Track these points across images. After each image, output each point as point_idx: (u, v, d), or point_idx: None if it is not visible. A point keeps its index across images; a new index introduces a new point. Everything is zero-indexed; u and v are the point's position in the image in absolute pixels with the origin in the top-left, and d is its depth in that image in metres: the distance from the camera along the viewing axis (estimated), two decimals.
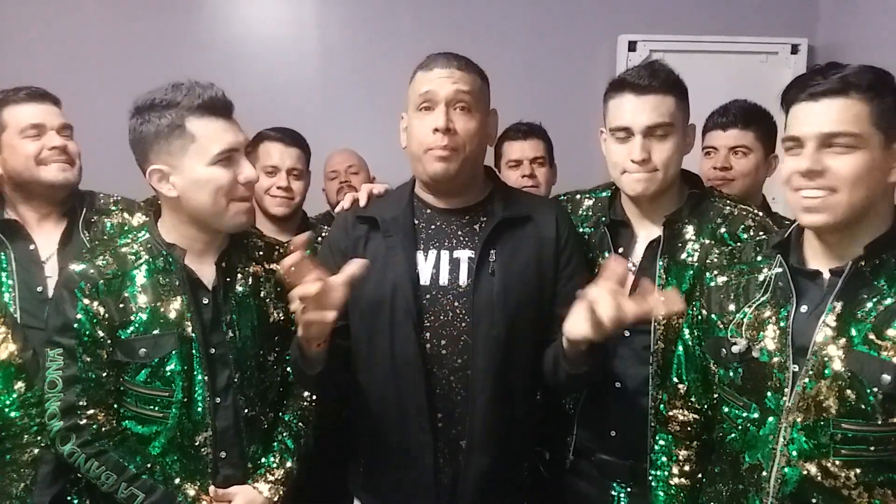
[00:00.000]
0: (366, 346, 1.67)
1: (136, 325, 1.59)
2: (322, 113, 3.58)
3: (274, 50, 3.50)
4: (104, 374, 1.59)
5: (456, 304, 1.65)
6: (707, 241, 1.72)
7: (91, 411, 1.58)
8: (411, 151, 1.69)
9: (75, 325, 1.57)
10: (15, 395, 1.62)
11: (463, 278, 1.66)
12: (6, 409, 1.62)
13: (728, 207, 1.77)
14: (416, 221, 1.72)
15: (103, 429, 1.58)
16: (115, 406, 1.62)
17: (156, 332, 1.58)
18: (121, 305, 1.59)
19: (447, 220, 1.72)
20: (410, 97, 1.70)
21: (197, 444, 1.62)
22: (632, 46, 3.38)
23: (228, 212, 1.58)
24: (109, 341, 1.59)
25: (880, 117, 1.30)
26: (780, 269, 1.44)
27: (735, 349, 1.45)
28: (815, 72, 1.36)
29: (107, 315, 1.58)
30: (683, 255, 1.73)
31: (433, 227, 1.71)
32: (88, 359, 1.58)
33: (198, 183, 1.56)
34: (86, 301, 1.57)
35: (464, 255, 1.68)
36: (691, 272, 1.70)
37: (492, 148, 2.15)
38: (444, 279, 1.67)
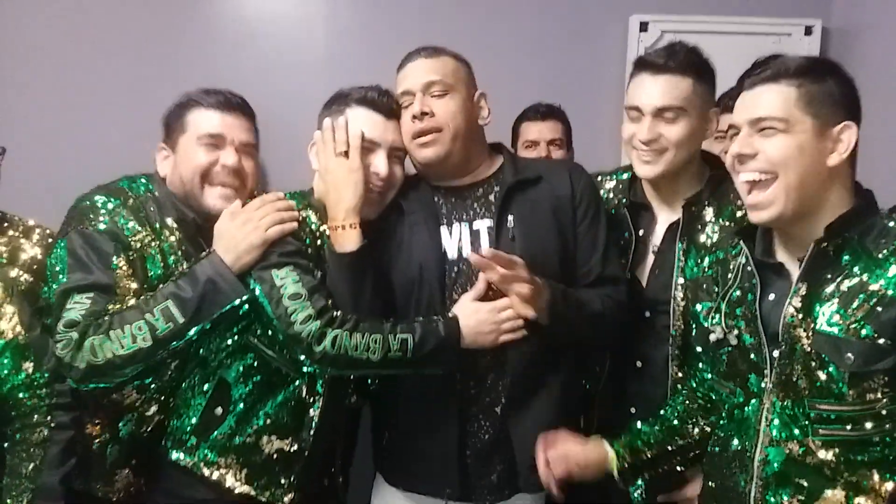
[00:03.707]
0: None
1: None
2: (329, 93, 3.56)
3: (282, 29, 3.47)
4: None
5: (481, 274, 1.68)
6: (727, 223, 1.71)
7: (338, 309, 1.64)
8: (406, 146, 1.78)
9: (306, 249, 1.69)
10: (24, 375, 1.64)
11: (485, 248, 1.69)
12: (14, 390, 1.64)
13: None
14: (436, 199, 1.78)
15: (347, 316, 1.64)
16: None
17: None
18: (317, 258, 1.72)
19: (462, 195, 1.78)
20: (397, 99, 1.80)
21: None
22: (643, 27, 3.34)
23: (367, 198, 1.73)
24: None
25: (811, 102, 1.32)
26: (747, 257, 1.46)
27: (713, 337, 1.48)
28: (757, 62, 1.43)
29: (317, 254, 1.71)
30: (702, 238, 1.73)
31: (451, 202, 1.77)
32: (319, 272, 1.68)
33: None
34: (311, 234, 1.72)
35: (483, 224, 1.73)
36: (700, 258, 1.69)
37: (509, 129, 2.12)
38: (467, 251, 1.71)
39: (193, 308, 1.61)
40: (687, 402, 1.66)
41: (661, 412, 1.69)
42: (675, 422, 1.65)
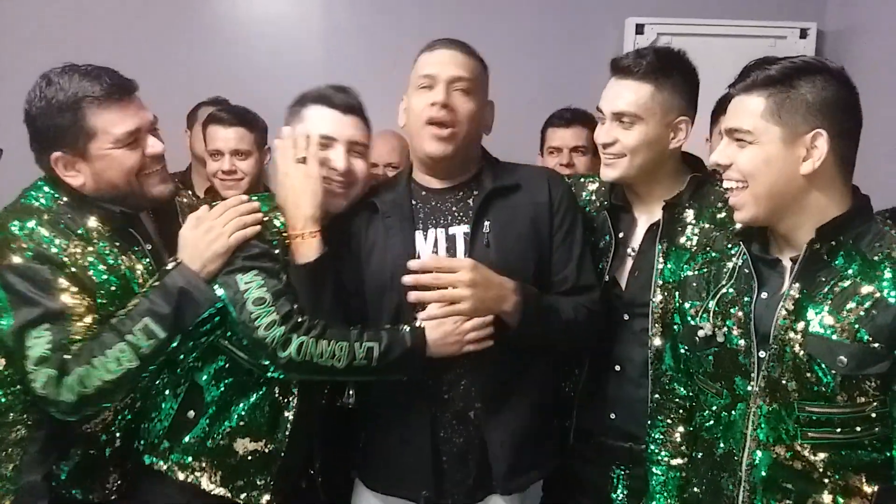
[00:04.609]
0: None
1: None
2: None
3: (280, 28, 3.48)
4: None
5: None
6: (707, 226, 1.72)
7: (304, 314, 1.61)
8: (409, 128, 1.75)
9: (272, 252, 1.66)
10: None
11: (460, 255, 1.69)
12: None
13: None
14: (414, 202, 1.76)
15: (314, 322, 1.62)
16: None
17: None
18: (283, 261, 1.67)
19: (441, 198, 1.76)
20: (412, 78, 1.75)
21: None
22: (639, 29, 3.36)
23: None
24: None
25: (777, 112, 1.32)
26: (745, 257, 1.47)
27: (701, 333, 1.48)
28: (744, 68, 1.41)
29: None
30: (682, 239, 1.73)
31: (429, 206, 1.76)
32: (285, 277, 1.65)
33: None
34: (269, 238, 1.68)
35: (459, 230, 1.72)
36: (689, 256, 1.69)
37: (506, 130, 2.13)
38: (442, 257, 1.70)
39: (171, 321, 1.57)
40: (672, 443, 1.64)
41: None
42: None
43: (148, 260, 1.70)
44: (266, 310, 1.58)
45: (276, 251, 1.67)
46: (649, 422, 1.69)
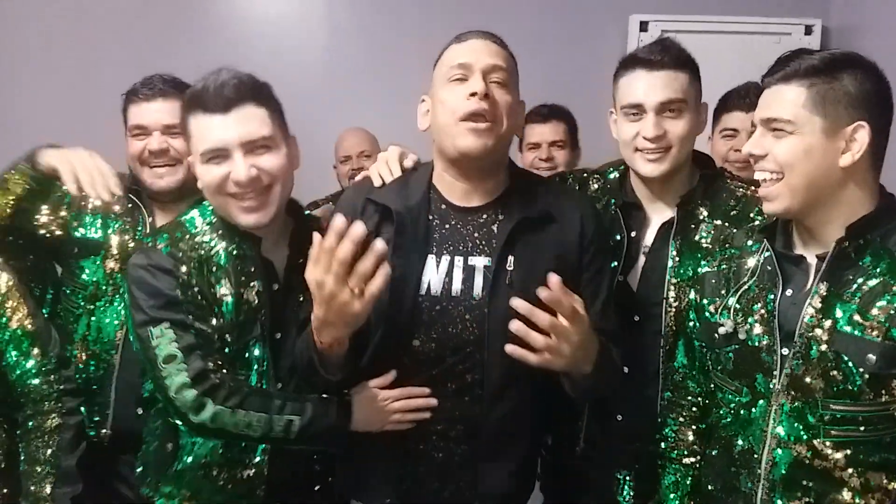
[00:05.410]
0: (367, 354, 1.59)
1: (225, 309, 1.55)
2: (329, 93, 3.57)
3: (280, 28, 3.48)
4: (216, 338, 1.54)
5: (467, 316, 1.53)
6: (721, 223, 1.71)
7: (220, 372, 1.52)
8: (440, 126, 1.55)
9: (180, 298, 1.51)
10: (33, 362, 1.68)
11: (478, 289, 1.54)
12: (24, 377, 1.68)
13: (741, 190, 1.75)
14: (431, 217, 1.58)
15: (232, 383, 1.52)
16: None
17: (241, 318, 1.55)
18: (211, 290, 1.54)
19: (463, 218, 1.58)
20: (439, 72, 1.58)
21: None
22: (643, 27, 3.35)
23: (232, 209, 1.55)
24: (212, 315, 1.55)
25: (821, 102, 1.31)
26: (767, 254, 1.45)
27: (722, 330, 1.46)
28: (779, 59, 1.39)
29: (201, 296, 1.53)
30: (697, 237, 1.71)
31: (447, 226, 1.58)
32: (200, 325, 1.52)
33: (200, 180, 1.57)
34: (184, 278, 1.53)
35: (479, 262, 1.55)
36: (706, 253, 1.67)
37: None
38: (456, 289, 1.54)
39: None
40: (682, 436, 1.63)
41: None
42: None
43: (140, 229, 1.94)
44: (176, 368, 1.48)
45: (185, 293, 1.52)
46: (660, 420, 1.67)
